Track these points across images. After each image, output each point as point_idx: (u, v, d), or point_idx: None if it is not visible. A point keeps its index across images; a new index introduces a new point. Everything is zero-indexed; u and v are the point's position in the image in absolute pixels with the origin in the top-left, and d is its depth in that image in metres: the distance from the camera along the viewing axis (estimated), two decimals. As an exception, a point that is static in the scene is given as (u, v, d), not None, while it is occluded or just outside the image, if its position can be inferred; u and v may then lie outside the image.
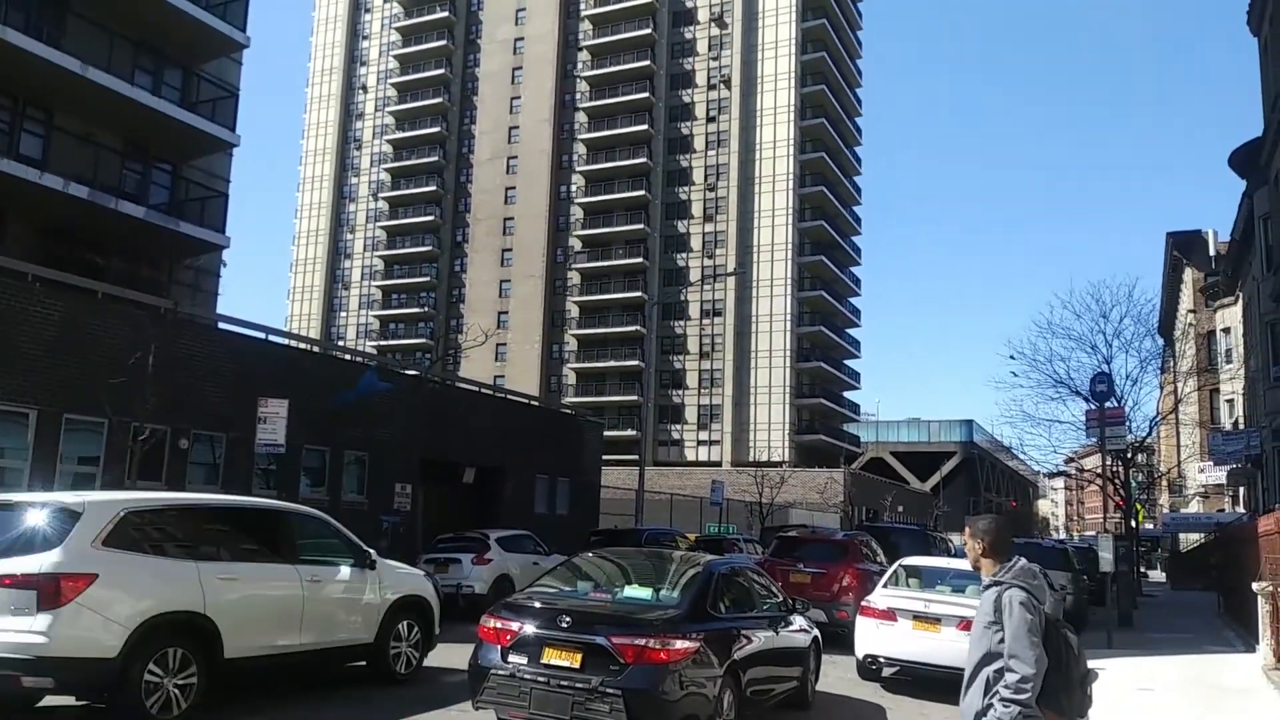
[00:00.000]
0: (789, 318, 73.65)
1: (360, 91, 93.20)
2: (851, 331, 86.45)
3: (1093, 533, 50.84)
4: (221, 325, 21.33)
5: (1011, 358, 29.83)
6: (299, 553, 9.58)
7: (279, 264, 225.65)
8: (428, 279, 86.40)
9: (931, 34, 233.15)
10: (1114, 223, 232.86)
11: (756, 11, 78.13)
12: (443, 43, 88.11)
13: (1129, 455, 27.54)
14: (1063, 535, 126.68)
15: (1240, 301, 37.00)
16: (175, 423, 17.51)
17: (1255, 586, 14.40)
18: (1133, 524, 28.87)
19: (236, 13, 25.77)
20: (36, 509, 7.89)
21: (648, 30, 79.54)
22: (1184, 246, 48.49)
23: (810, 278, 78.22)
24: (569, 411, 40.78)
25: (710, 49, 79.49)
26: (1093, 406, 20.86)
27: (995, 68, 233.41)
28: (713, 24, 79.57)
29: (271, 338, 21.98)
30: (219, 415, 18.60)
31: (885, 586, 12.80)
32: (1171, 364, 37.15)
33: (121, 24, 22.82)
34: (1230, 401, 41.90)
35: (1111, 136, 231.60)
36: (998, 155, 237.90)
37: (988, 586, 4.25)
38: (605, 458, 36.45)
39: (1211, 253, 46.60)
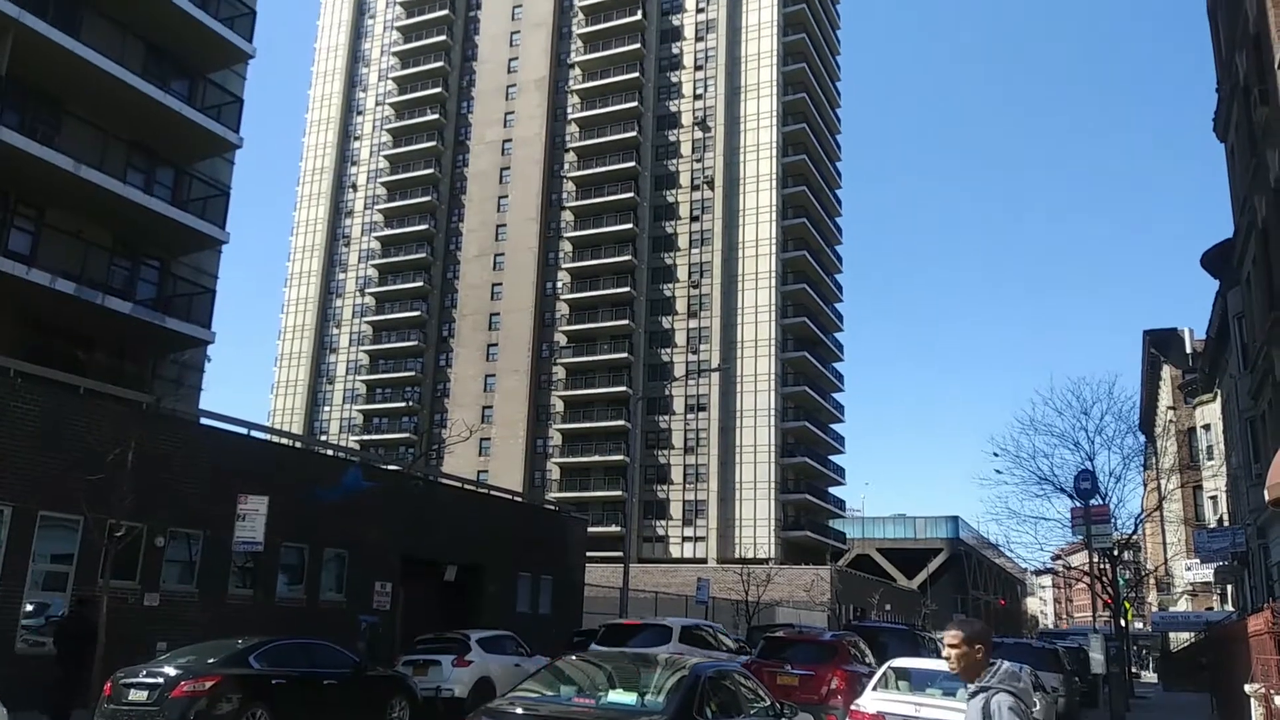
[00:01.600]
0: (773, 413, 73.80)
1: (350, 190, 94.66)
2: (835, 427, 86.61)
3: (1084, 626, 50.17)
4: (203, 421, 21.23)
5: (995, 454, 29.97)
6: None
7: (264, 358, 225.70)
8: (413, 373, 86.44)
9: (909, 137, 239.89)
10: (1091, 319, 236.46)
11: (738, 116, 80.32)
12: (432, 144, 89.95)
13: (1116, 553, 27.45)
14: (1053, 624, 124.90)
15: (1219, 399, 37.39)
16: (152, 520, 17.27)
17: (1247, 689, 14.19)
18: (1122, 623, 28.58)
19: (231, 114, 26.35)
20: None
21: (633, 133, 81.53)
22: (1161, 344, 49.18)
23: (794, 373, 78.71)
24: (553, 507, 40.42)
25: (694, 151, 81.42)
26: (1078, 504, 20.88)
27: (970, 170, 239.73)
28: (696, 127, 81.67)
29: (254, 433, 21.87)
30: (197, 512, 18.36)
31: (875, 689, 12.55)
32: (1154, 460, 37.32)
33: (115, 123, 23.27)
34: (1214, 498, 41.94)
35: (1087, 234, 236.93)
36: (975, 251, 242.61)
37: (974, 694, 4.20)
38: (589, 555, 35.99)
39: (1188, 350, 47.25)
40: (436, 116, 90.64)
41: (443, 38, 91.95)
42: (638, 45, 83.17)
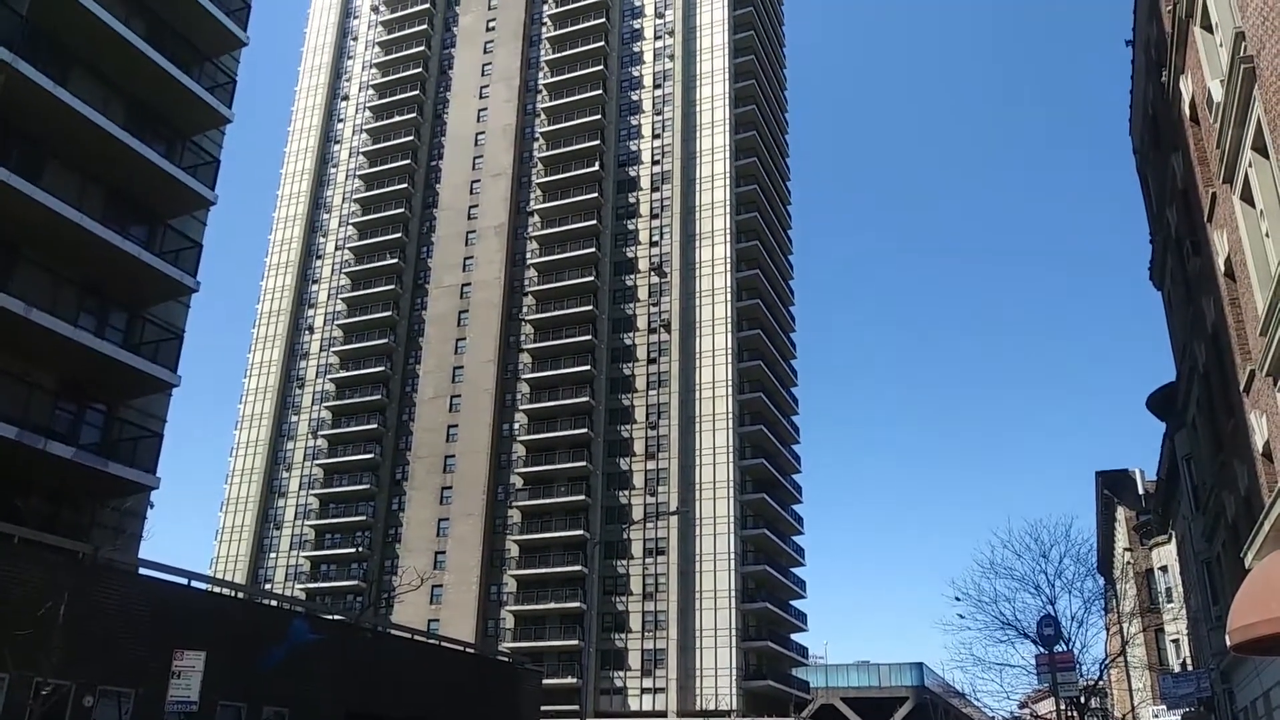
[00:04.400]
0: (733, 557, 72.78)
1: (307, 332, 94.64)
2: (796, 571, 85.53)
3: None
4: (142, 571, 20.40)
5: (957, 599, 29.67)
6: None
7: (209, 503, 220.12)
8: (364, 517, 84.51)
9: (861, 281, 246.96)
10: (1045, 459, 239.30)
11: (694, 261, 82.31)
12: (391, 287, 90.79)
13: (1082, 700, 26.95)
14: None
15: (1174, 540, 37.57)
16: (82, 677, 16.34)
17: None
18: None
19: (189, 258, 26.44)
20: None
21: (591, 278, 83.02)
22: (1114, 485, 49.69)
23: (753, 516, 78.15)
24: (506, 658, 39.01)
25: (650, 295, 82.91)
26: (1042, 651, 20.58)
27: (922, 312, 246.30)
28: (652, 273, 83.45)
29: (194, 583, 21.02)
30: (131, 668, 17.43)
31: None
32: (1115, 604, 37.14)
33: (72, 267, 23.21)
34: (1175, 641, 41.62)
35: (1035, 374, 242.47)
36: (927, 386, 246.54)
37: None
38: (544, 708, 34.58)
39: (1141, 491, 47.75)
40: (396, 261, 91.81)
41: (404, 185, 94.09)
42: (595, 194, 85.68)
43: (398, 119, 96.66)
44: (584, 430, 78.53)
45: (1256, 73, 12.58)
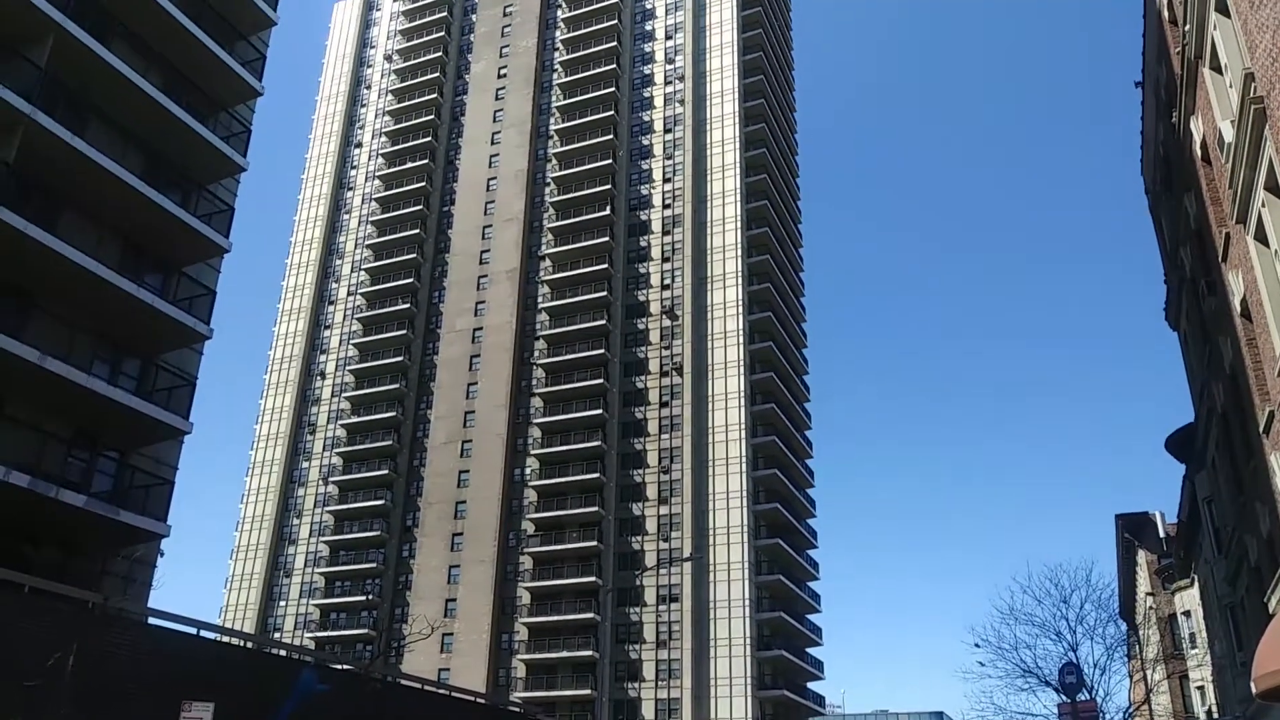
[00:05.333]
0: (748, 603, 71.95)
1: (319, 377, 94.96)
2: (812, 617, 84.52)
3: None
4: (151, 621, 20.20)
5: (976, 645, 29.18)
6: None
7: (219, 551, 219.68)
8: (374, 565, 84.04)
9: (875, 321, 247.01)
10: (1064, 502, 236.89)
11: (706, 305, 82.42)
12: (403, 332, 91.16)
13: (1107, 750, 26.34)
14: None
15: (1196, 584, 36.97)
16: (88, 731, 16.09)
17: None
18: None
19: (203, 306, 26.56)
20: None
21: (602, 321, 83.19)
22: (1135, 529, 49.03)
23: (768, 561, 77.38)
24: (518, 708, 38.45)
25: (662, 338, 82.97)
26: (1064, 699, 20.16)
27: (936, 352, 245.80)
28: (664, 316, 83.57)
29: (203, 633, 20.79)
30: (138, 721, 17.18)
31: None
32: (1138, 650, 36.46)
33: (86, 315, 23.34)
34: (1200, 688, 40.79)
35: (1052, 415, 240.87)
36: (943, 428, 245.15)
37: None
38: (557, 760, 34.01)
39: (1162, 535, 47.09)
40: (408, 306, 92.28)
41: (416, 231, 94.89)
42: (607, 238, 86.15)
43: (410, 165, 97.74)
44: (596, 475, 78.20)
45: (1267, 113, 12.55)
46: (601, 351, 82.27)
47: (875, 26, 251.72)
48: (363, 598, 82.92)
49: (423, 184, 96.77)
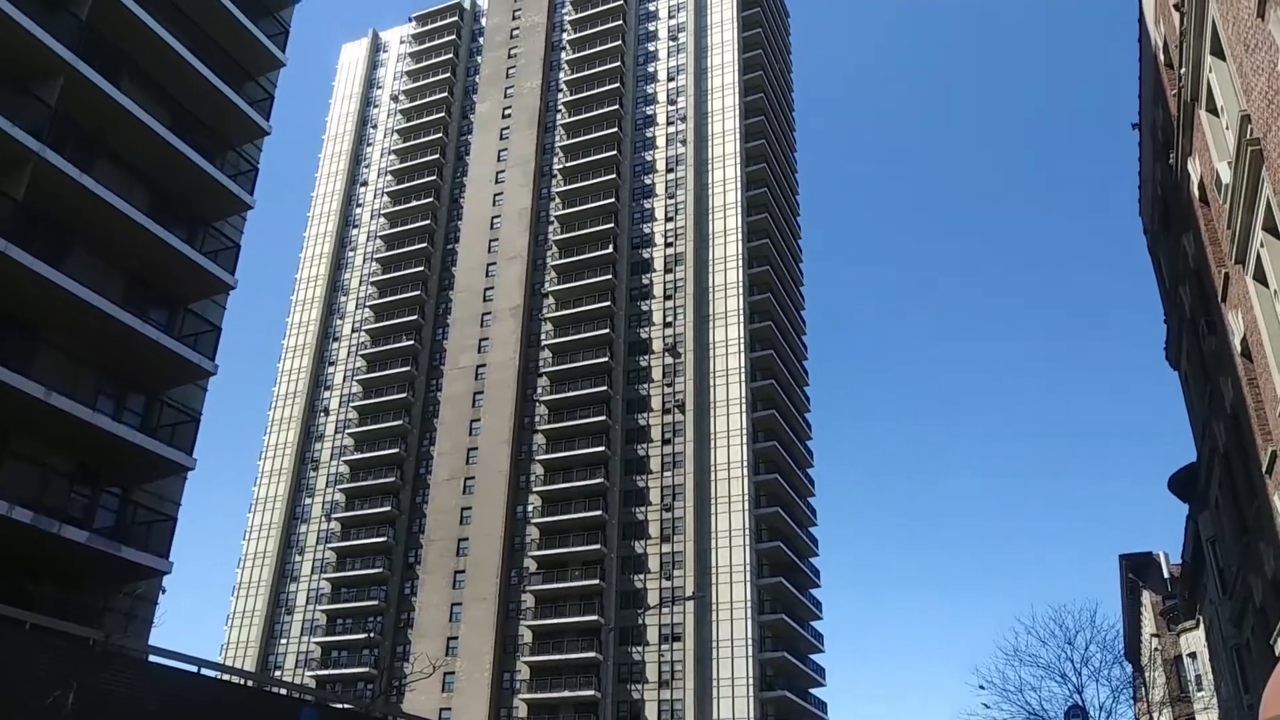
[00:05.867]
0: (750, 643, 71.35)
1: (322, 414, 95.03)
2: (815, 657, 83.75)
3: None
4: (152, 658, 20.15)
5: (981, 687, 28.93)
6: None
7: (221, 586, 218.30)
8: (376, 602, 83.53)
9: (877, 356, 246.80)
10: (1066, 540, 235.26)
11: (708, 343, 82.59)
12: (406, 369, 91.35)
13: (1115, 794, 26.00)
14: None
15: (1201, 625, 36.65)
16: (86, 770, 15.99)
17: None
18: None
19: (208, 342, 26.70)
20: None
21: (605, 358, 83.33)
22: (1139, 569, 48.66)
23: (770, 600, 76.85)
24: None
25: (665, 376, 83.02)
26: (1071, 742, 19.94)
27: (938, 390, 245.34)
28: (666, 353, 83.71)
29: (203, 671, 20.72)
30: (136, 760, 17.08)
31: None
32: (1144, 692, 36.10)
33: (91, 351, 23.45)
34: (1209, 731, 40.25)
35: (1055, 453, 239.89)
36: (945, 466, 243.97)
37: None
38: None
39: (1166, 575, 46.71)
40: (411, 343, 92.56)
41: (420, 268, 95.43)
42: (610, 276, 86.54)
43: (415, 203, 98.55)
44: (599, 512, 77.94)
45: (1264, 154, 12.70)
46: (604, 388, 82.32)
47: (874, 62, 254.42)
48: (364, 635, 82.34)
49: (427, 222, 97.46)
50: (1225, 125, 15.81)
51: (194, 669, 20.21)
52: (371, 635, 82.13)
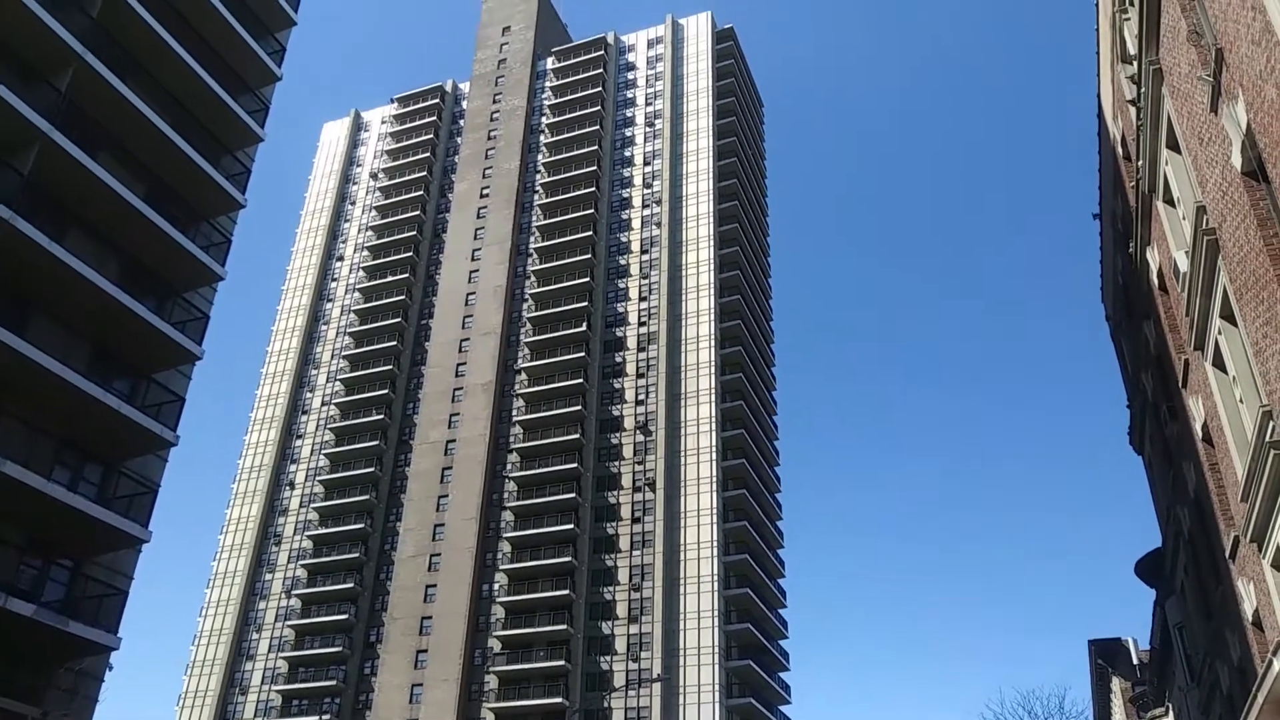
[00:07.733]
0: (718, 728, 69.80)
1: (287, 488, 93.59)
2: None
3: None
4: (94, 739, 19.39)
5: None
6: None
7: (171, 664, 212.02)
8: (335, 682, 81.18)
9: (847, 435, 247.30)
10: (1033, 623, 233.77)
11: (679, 421, 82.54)
12: (375, 443, 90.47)
13: None
14: None
15: (1171, 712, 36.30)
16: None
17: None
18: None
19: (171, 412, 26.33)
20: None
21: (576, 435, 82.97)
22: (1108, 655, 48.35)
23: (739, 684, 75.47)
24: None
25: (635, 454, 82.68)
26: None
27: (906, 472, 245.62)
28: (638, 431, 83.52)
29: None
30: None
31: None
32: (1115, 782, 35.54)
33: (49, 420, 23.05)
34: (1182, 824, 39.54)
35: (1022, 536, 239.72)
36: (913, 544, 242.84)
37: None
38: None
39: (1135, 661, 46.44)
40: (382, 417, 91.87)
41: (394, 343, 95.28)
42: (583, 354, 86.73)
43: (390, 279, 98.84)
44: (566, 592, 76.70)
45: (1220, 244, 13.02)
46: (574, 465, 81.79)
47: (846, 141, 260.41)
48: (321, 718, 79.76)
49: (402, 297, 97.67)
50: (1182, 216, 16.24)
51: (139, 751, 19.46)
52: (328, 718, 79.61)
